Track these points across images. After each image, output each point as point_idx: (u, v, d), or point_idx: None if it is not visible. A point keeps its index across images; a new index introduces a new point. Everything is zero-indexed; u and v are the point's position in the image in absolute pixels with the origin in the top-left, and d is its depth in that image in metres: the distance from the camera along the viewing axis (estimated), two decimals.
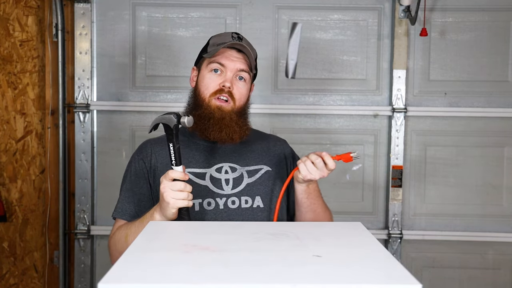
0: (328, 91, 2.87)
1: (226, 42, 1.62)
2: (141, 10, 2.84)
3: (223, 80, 1.61)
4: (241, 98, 1.65)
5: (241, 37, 1.67)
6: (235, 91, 1.63)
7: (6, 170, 2.87)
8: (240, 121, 1.65)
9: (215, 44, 1.66)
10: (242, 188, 1.63)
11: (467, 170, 2.88)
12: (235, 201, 1.61)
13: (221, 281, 0.91)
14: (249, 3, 2.83)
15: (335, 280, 0.93)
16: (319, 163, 1.53)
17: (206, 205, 1.60)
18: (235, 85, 1.63)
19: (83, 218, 2.86)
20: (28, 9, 2.84)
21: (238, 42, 1.62)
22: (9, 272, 2.91)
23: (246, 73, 1.64)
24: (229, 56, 1.62)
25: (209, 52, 1.65)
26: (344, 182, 2.86)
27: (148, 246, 1.15)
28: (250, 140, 1.72)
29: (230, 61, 1.62)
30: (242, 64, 1.63)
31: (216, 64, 1.62)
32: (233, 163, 1.66)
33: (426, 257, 2.91)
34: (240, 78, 1.64)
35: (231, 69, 1.62)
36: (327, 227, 1.43)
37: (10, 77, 2.85)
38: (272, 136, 1.83)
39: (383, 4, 2.84)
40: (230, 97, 1.62)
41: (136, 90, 2.86)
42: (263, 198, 1.64)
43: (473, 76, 2.86)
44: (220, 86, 1.61)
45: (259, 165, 1.69)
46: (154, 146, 1.70)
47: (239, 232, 1.31)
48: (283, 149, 1.77)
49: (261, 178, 1.66)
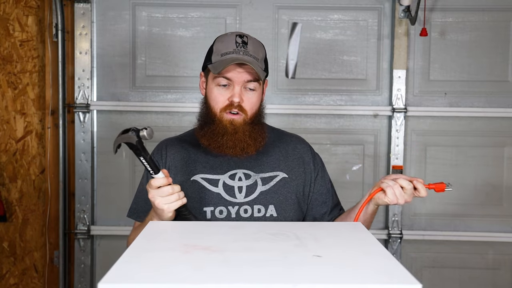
0: (328, 91, 2.87)
1: (230, 53, 1.56)
2: (141, 10, 2.84)
3: (231, 95, 1.57)
4: (253, 108, 1.60)
5: (246, 40, 1.59)
6: (245, 103, 1.58)
7: (6, 170, 2.87)
8: (253, 133, 1.60)
9: (219, 52, 1.59)
10: (256, 197, 1.60)
11: (467, 170, 2.88)
12: (247, 210, 1.59)
13: (221, 281, 0.91)
14: (249, 3, 2.83)
15: (335, 280, 0.93)
16: (409, 190, 1.48)
17: (218, 213, 1.58)
18: (245, 96, 1.58)
19: (83, 218, 2.86)
20: (28, 9, 2.84)
21: (241, 56, 1.56)
22: (9, 272, 2.91)
23: (254, 82, 1.58)
24: (233, 70, 1.56)
25: (214, 64, 1.58)
26: (344, 182, 2.85)
27: (148, 246, 1.14)
28: (267, 144, 1.68)
29: (237, 73, 1.56)
30: (248, 75, 1.56)
31: (222, 79, 1.57)
32: (248, 170, 1.62)
33: (426, 257, 2.91)
34: (250, 89, 1.59)
35: (238, 82, 1.56)
36: (327, 227, 1.43)
37: (10, 77, 2.85)
38: (294, 138, 1.75)
39: (383, 4, 2.84)
40: (240, 111, 1.58)
41: (136, 90, 2.86)
42: (277, 207, 1.60)
43: (473, 76, 2.86)
44: (229, 101, 1.57)
45: (275, 171, 1.64)
46: (168, 147, 1.68)
47: (239, 232, 1.31)
48: (302, 154, 1.70)
49: (275, 186, 1.62)
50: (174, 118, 2.85)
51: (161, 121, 2.85)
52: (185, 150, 1.67)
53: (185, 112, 2.84)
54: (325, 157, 2.13)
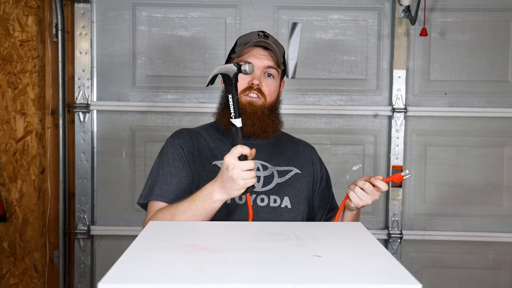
0: (328, 91, 2.87)
1: (252, 41, 1.63)
2: (141, 10, 2.84)
3: (252, 78, 1.62)
4: (271, 94, 1.66)
5: (267, 34, 1.68)
6: (264, 88, 1.64)
7: (6, 170, 2.87)
8: (272, 115, 1.67)
9: (242, 43, 1.68)
10: (272, 187, 1.64)
11: (467, 170, 2.88)
12: (264, 199, 1.63)
13: (221, 281, 0.91)
14: (249, 3, 2.83)
15: (335, 280, 0.93)
16: (368, 188, 1.52)
17: (238, 199, 1.60)
18: (264, 82, 1.64)
19: (83, 218, 2.86)
20: (28, 9, 2.84)
21: (263, 40, 1.63)
22: (9, 272, 2.91)
23: (274, 69, 1.65)
24: (255, 54, 1.63)
25: (237, 52, 1.67)
26: (344, 182, 2.85)
27: (148, 246, 1.14)
28: (281, 141, 1.75)
29: (257, 58, 1.63)
30: (269, 61, 1.64)
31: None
32: (265, 162, 1.67)
33: (426, 257, 2.91)
34: (269, 75, 1.65)
35: (259, 67, 1.63)
36: (327, 227, 1.43)
37: (10, 77, 2.85)
38: (302, 142, 1.84)
39: (383, 4, 2.84)
40: (260, 94, 1.63)
41: (136, 90, 2.86)
42: (292, 199, 1.65)
43: (473, 76, 2.86)
44: (249, 84, 1.62)
45: (289, 166, 1.70)
46: (192, 134, 1.69)
47: (239, 232, 1.31)
48: (311, 155, 1.78)
49: (290, 179, 1.68)
50: (174, 118, 2.85)
51: (161, 121, 2.85)
52: (204, 139, 1.69)
53: (185, 112, 2.84)
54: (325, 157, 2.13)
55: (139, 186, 2.79)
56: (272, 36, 1.70)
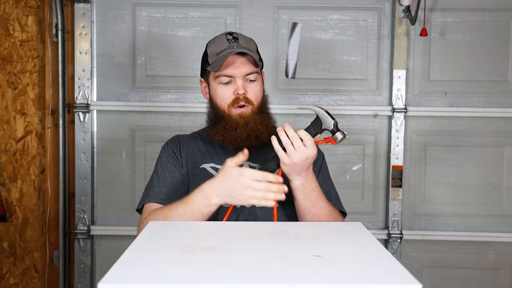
0: (328, 91, 2.87)
1: (224, 50, 1.62)
2: (141, 10, 2.84)
3: (235, 89, 1.62)
4: (258, 97, 1.66)
5: (236, 36, 1.66)
6: (250, 94, 1.64)
7: (6, 170, 2.87)
8: (264, 120, 1.66)
9: (214, 53, 1.65)
10: None
11: (467, 170, 2.88)
12: None
13: (221, 281, 0.91)
14: (249, 3, 2.83)
15: (335, 280, 0.93)
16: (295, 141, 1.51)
17: None
18: (248, 88, 1.64)
19: (83, 218, 2.86)
20: (28, 9, 2.84)
21: (236, 49, 1.61)
22: (9, 272, 2.91)
23: (254, 73, 1.64)
24: (232, 63, 1.61)
25: (212, 64, 1.64)
26: (344, 182, 2.86)
27: (148, 246, 1.15)
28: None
29: (236, 68, 1.62)
30: (248, 67, 1.63)
31: (223, 78, 1.62)
32: (253, 162, 1.66)
33: (426, 257, 2.91)
34: (251, 80, 1.64)
35: (240, 76, 1.62)
36: (327, 227, 1.43)
37: (10, 77, 2.85)
38: None
39: (383, 4, 2.84)
40: (247, 102, 1.63)
41: (136, 90, 2.86)
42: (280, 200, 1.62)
43: (473, 76, 2.86)
44: (234, 95, 1.62)
45: None
46: (182, 140, 1.73)
47: (239, 232, 1.31)
48: None
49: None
50: (174, 118, 2.85)
51: (161, 121, 2.85)
52: (196, 143, 1.73)
53: (185, 112, 2.84)
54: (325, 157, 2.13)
55: (139, 186, 2.79)
56: (240, 34, 1.68)
